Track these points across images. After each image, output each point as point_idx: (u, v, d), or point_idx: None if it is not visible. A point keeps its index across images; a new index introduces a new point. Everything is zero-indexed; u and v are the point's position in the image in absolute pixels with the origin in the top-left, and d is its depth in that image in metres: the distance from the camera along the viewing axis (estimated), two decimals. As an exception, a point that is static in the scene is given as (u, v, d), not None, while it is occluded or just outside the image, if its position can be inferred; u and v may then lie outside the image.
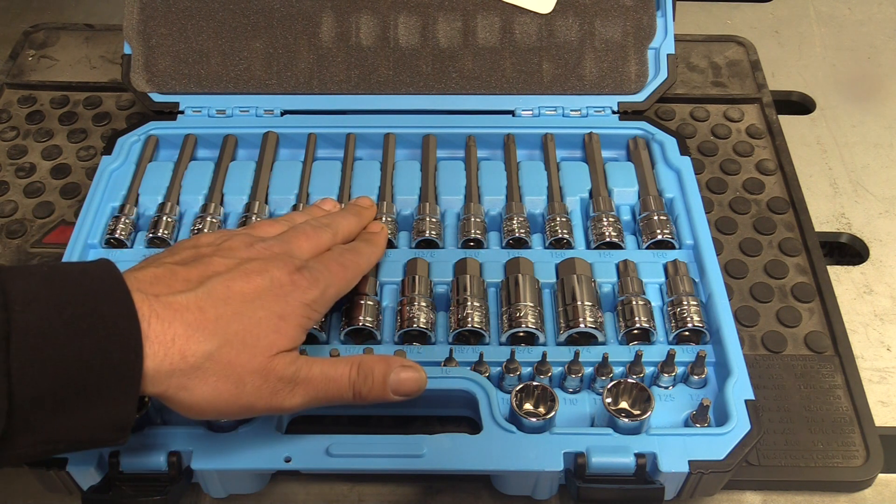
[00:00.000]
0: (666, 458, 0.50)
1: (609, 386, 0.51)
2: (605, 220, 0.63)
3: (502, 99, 0.72)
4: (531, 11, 0.72)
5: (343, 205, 0.63)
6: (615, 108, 0.72)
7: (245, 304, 0.46)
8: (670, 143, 0.69)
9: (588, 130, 0.70)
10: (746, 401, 0.52)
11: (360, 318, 0.57)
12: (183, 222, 0.65)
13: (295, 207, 0.65)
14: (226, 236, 0.52)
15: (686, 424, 0.53)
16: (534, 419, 0.50)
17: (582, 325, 0.56)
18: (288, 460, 0.49)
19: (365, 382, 0.49)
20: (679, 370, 0.56)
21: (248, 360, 0.45)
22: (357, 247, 0.57)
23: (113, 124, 0.78)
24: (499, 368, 0.55)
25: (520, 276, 0.59)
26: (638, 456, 0.50)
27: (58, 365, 0.39)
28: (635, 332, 0.57)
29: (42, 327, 0.39)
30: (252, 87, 0.72)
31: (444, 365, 0.55)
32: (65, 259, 0.61)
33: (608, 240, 0.63)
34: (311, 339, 0.57)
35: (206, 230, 0.63)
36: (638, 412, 0.51)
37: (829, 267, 0.66)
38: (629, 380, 0.52)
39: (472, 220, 0.64)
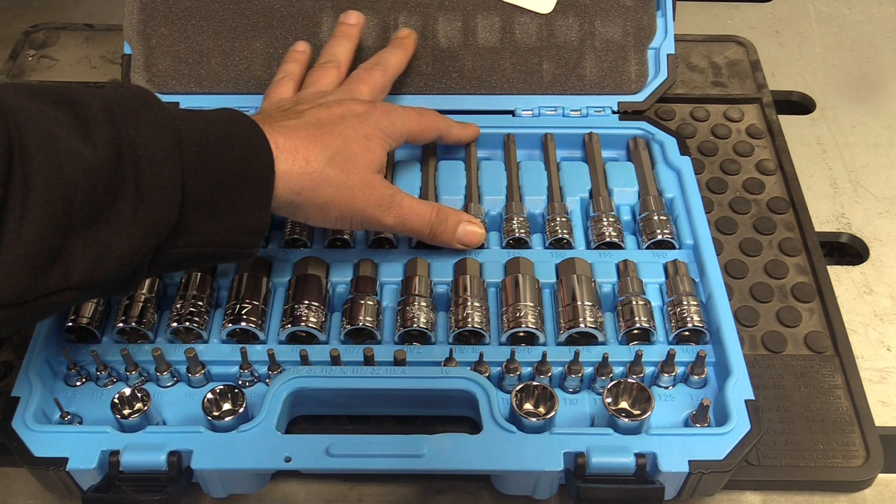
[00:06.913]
0: (666, 458, 0.50)
1: (609, 386, 0.51)
2: (605, 220, 0.63)
3: (502, 99, 0.72)
4: (531, 11, 0.72)
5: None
6: (615, 108, 0.72)
7: (335, 125, 0.56)
8: (670, 143, 0.69)
9: (588, 130, 0.70)
10: (746, 401, 0.52)
11: (360, 318, 0.57)
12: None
13: None
14: (298, 95, 0.64)
15: (686, 424, 0.53)
16: (534, 419, 0.50)
17: (582, 325, 0.56)
18: (288, 460, 0.49)
19: (440, 224, 0.59)
20: (679, 370, 0.56)
21: (355, 172, 0.55)
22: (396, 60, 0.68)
23: (113, 124, 0.78)
24: (499, 368, 0.55)
25: (520, 276, 0.59)
26: (638, 456, 0.49)
27: (214, 172, 0.47)
28: (635, 332, 0.57)
29: (202, 138, 0.48)
30: (252, 87, 0.72)
31: (444, 365, 0.55)
32: None
33: (608, 240, 0.63)
34: (311, 338, 0.57)
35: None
36: (638, 412, 0.51)
37: (829, 267, 0.66)
38: (629, 380, 0.52)
39: (472, 220, 0.64)
